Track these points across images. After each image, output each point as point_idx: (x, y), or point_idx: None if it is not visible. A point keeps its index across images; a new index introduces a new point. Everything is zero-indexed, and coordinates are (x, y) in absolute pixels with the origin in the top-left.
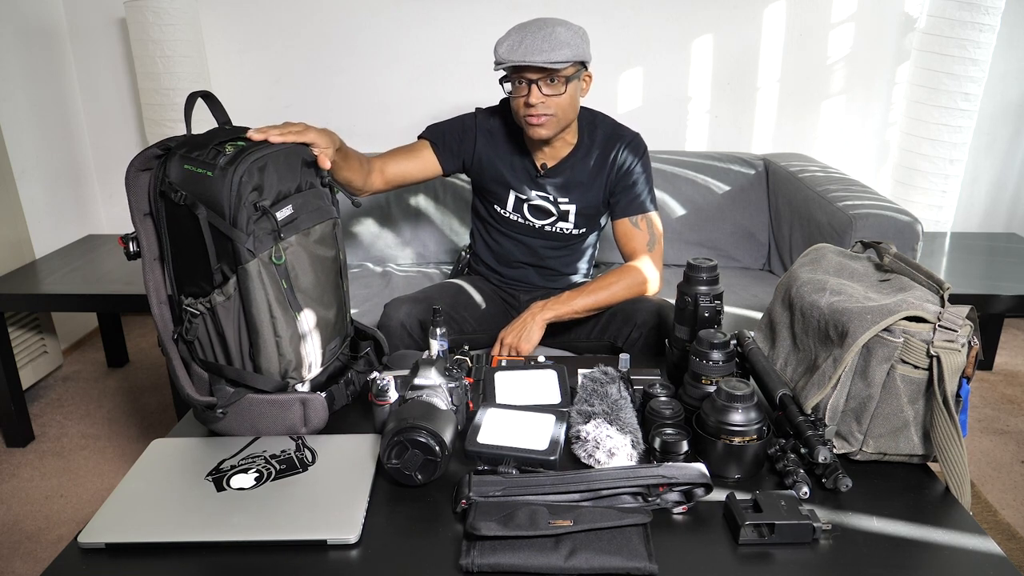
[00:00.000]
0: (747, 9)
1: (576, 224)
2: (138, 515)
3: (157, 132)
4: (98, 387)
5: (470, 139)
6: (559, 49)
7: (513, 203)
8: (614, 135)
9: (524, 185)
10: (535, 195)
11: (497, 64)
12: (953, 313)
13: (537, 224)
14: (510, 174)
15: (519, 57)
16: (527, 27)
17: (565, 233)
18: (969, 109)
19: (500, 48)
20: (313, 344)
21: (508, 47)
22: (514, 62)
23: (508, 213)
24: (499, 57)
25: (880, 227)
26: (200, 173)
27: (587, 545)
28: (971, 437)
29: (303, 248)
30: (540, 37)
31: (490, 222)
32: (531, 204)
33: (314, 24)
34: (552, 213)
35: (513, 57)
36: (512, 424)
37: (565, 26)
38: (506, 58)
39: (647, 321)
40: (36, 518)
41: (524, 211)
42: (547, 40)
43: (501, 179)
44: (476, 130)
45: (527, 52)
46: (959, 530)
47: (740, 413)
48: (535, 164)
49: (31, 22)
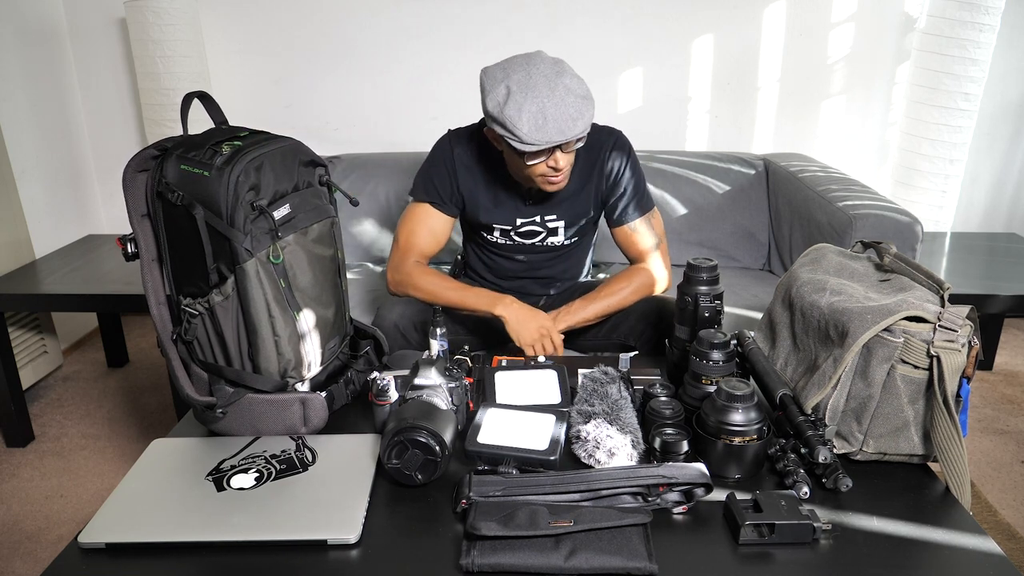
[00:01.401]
0: (747, 9)
1: (567, 236)
2: (138, 515)
3: (157, 132)
4: (98, 387)
5: (453, 179)
6: (585, 112)
7: (499, 233)
8: (595, 141)
9: (510, 216)
10: (521, 222)
11: (523, 145)
12: (953, 313)
13: (527, 243)
14: (495, 210)
15: (554, 137)
16: (533, 90)
17: (556, 246)
18: (969, 109)
19: (521, 128)
20: (312, 343)
21: (532, 126)
22: (552, 143)
23: (496, 239)
24: (527, 139)
25: (880, 227)
26: (197, 173)
27: (587, 545)
28: (971, 437)
29: (301, 247)
30: (558, 102)
31: (481, 245)
32: (518, 231)
33: (314, 24)
34: (540, 232)
35: (546, 138)
36: (512, 424)
37: (567, 74)
38: (537, 140)
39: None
40: (36, 518)
41: (512, 236)
42: (569, 105)
43: (486, 215)
44: (455, 165)
45: (561, 129)
46: (959, 530)
47: (740, 413)
48: (521, 194)
49: (31, 22)
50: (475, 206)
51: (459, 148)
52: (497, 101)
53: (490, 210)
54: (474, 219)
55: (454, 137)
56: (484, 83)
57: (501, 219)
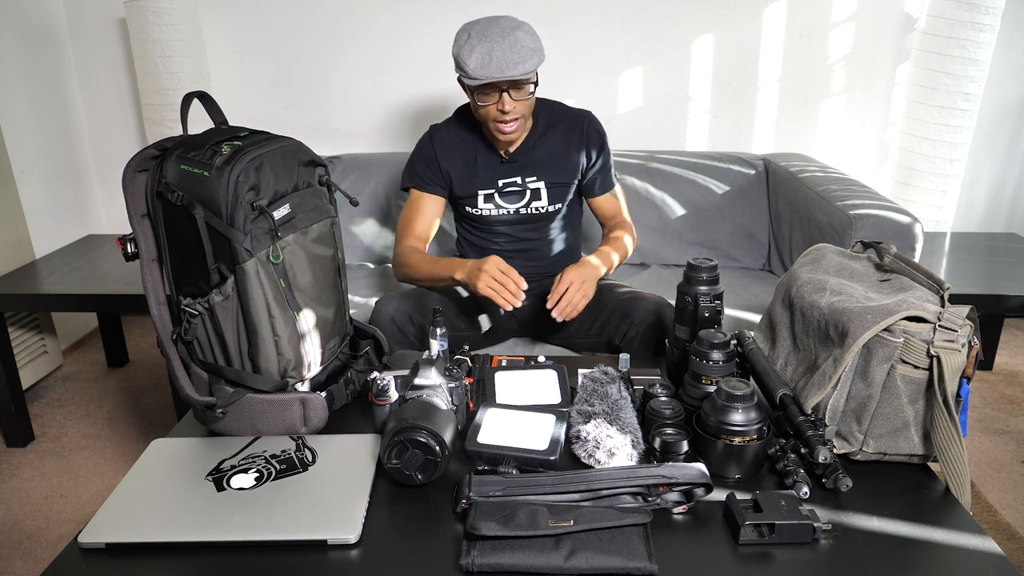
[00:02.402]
0: (747, 9)
1: (550, 200)
2: (138, 515)
3: (157, 132)
4: (98, 387)
5: (435, 163)
6: (528, 59)
7: (483, 199)
8: (571, 112)
9: (491, 178)
10: (503, 183)
11: (469, 79)
12: (953, 313)
13: (512, 208)
14: (475, 175)
15: (494, 73)
16: (488, 35)
17: (541, 212)
18: (969, 109)
19: (469, 63)
20: (312, 343)
21: (478, 63)
22: (491, 79)
23: (480, 211)
24: (472, 73)
25: (880, 227)
26: (197, 173)
27: (587, 545)
28: (971, 437)
29: (301, 247)
30: (506, 47)
31: (469, 224)
32: (501, 192)
33: (314, 24)
34: (523, 194)
35: (487, 74)
36: (512, 424)
37: (523, 29)
38: (481, 75)
39: (644, 319)
40: (36, 518)
41: (496, 200)
42: (515, 51)
43: (469, 182)
44: (435, 151)
45: (502, 67)
46: (959, 530)
47: (740, 413)
48: (498, 153)
49: (31, 22)
50: (459, 177)
51: (437, 134)
52: (459, 45)
53: (471, 177)
54: (461, 191)
55: (433, 128)
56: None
57: (483, 183)
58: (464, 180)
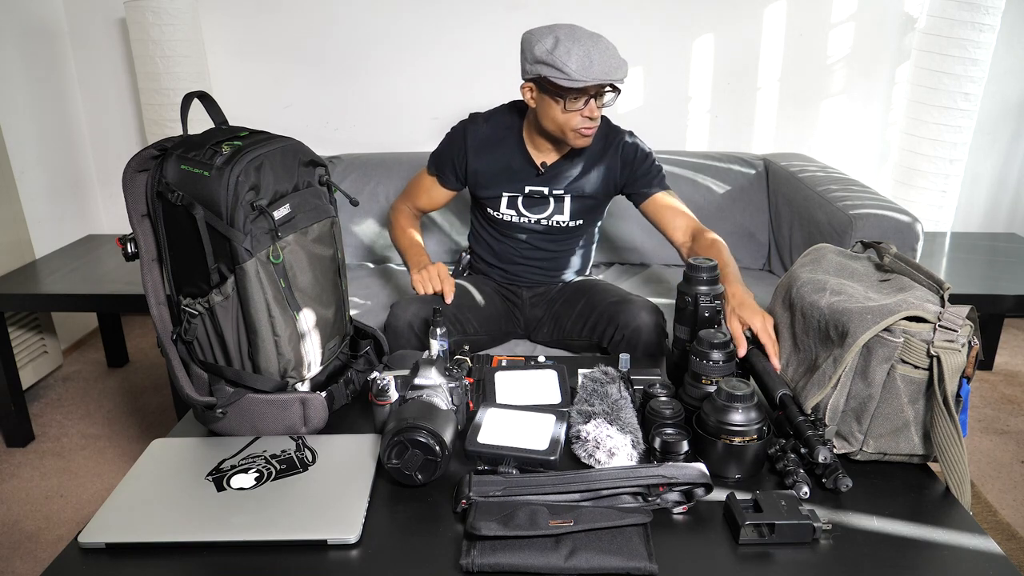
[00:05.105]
0: (747, 9)
1: (572, 215)
2: (138, 515)
3: (157, 132)
4: (98, 387)
5: (461, 158)
6: (623, 66)
7: (507, 203)
8: (610, 129)
9: (520, 184)
10: (530, 190)
11: (570, 81)
12: (953, 313)
13: (532, 219)
14: (506, 179)
15: (599, 75)
16: (578, 39)
17: (561, 226)
18: (969, 109)
19: (570, 65)
20: (312, 343)
21: (580, 65)
22: (597, 80)
23: (502, 214)
24: (575, 75)
25: (880, 227)
26: (197, 173)
27: (587, 545)
28: (971, 437)
29: (301, 247)
30: (602, 50)
31: (487, 223)
32: (525, 197)
33: (314, 24)
34: (547, 203)
35: (592, 75)
36: (512, 424)
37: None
38: (584, 77)
39: (629, 323)
40: (36, 518)
41: (519, 206)
42: (613, 54)
43: (495, 185)
44: (466, 148)
45: (605, 70)
46: (959, 530)
47: (740, 413)
48: (535, 164)
49: (31, 22)
50: (486, 178)
51: (473, 127)
52: (546, 48)
53: (499, 180)
54: (484, 192)
55: (470, 119)
56: (530, 39)
57: (511, 186)
58: (490, 181)
